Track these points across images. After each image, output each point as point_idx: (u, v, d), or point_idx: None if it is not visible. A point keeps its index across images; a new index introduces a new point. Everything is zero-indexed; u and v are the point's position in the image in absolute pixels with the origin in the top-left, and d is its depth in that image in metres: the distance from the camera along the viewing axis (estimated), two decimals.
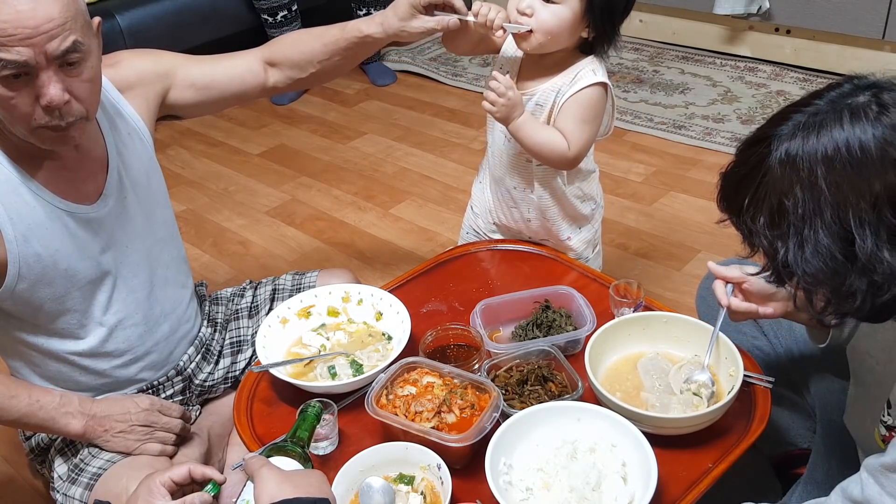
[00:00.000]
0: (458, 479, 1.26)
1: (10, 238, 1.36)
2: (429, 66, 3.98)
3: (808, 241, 0.96)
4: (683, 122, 3.32)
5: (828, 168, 0.94)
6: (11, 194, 1.36)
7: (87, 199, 1.47)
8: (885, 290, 0.95)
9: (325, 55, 1.74)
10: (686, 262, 2.51)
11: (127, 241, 1.54)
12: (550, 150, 1.62)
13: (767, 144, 1.00)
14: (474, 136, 3.37)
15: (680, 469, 1.29)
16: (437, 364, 1.42)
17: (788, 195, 0.97)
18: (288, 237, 2.83)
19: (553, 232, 1.82)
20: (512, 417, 1.30)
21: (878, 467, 1.03)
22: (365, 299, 1.64)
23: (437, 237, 2.75)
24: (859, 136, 0.93)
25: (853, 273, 0.95)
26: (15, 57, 1.21)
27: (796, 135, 0.97)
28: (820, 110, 0.98)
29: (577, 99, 1.61)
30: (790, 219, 0.97)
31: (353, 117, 3.62)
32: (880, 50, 3.39)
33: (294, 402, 1.41)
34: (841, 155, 0.94)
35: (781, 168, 0.98)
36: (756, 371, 1.44)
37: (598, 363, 1.43)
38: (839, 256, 0.95)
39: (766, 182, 1.00)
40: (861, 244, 0.94)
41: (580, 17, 1.55)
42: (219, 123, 3.59)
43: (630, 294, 1.58)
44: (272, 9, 3.57)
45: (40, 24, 1.21)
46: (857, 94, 0.97)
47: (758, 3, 3.54)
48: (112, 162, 1.51)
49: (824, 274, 0.97)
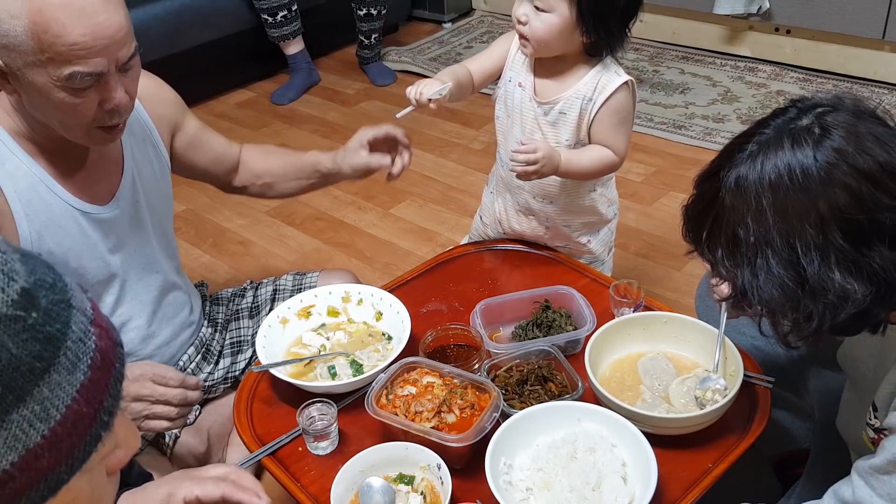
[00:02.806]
0: (458, 479, 1.26)
1: (25, 235, 1.37)
2: (429, 66, 3.98)
3: (761, 269, 0.98)
4: (683, 122, 3.31)
5: (773, 194, 0.96)
6: (29, 191, 1.37)
7: (100, 199, 1.47)
8: (842, 309, 0.96)
9: (282, 171, 1.80)
10: (686, 262, 2.51)
11: (135, 245, 1.55)
12: (601, 167, 1.67)
13: (720, 177, 1.01)
14: (474, 136, 3.37)
15: (680, 469, 1.29)
16: (437, 364, 1.42)
17: (740, 225, 0.99)
18: (288, 237, 2.83)
19: (573, 237, 1.83)
20: (512, 417, 1.30)
21: (868, 469, 1.03)
22: (365, 299, 1.64)
23: (437, 237, 2.75)
24: (801, 161, 0.95)
25: (806, 297, 0.97)
26: (92, 69, 1.24)
27: (743, 164, 0.99)
28: (766, 138, 0.99)
29: (610, 107, 1.64)
30: (743, 248, 0.99)
31: (353, 117, 3.62)
32: (880, 50, 3.38)
33: (294, 403, 1.41)
34: (783, 181, 0.96)
35: (731, 198, 1.00)
36: (756, 371, 1.44)
37: (598, 363, 1.43)
38: (789, 283, 0.97)
39: (721, 214, 1.01)
40: (809, 268, 0.95)
41: (573, 24, 1.56)
42: (219, 123, 3.59)
43: (630, 294, 1.58)
44: (272, 9, 3.57)
45: (115, 34, 1.25)
46: (800, 118, 0.98)
47: (758, 3, 3.53)
48: (127, 164, 1.52)
49: (779, 300, 0.98)
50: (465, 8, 4.62)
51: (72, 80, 1.23)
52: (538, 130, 1.70)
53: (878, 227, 0.93)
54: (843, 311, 0.96)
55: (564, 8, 1.54)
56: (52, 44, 1.20)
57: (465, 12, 4.62)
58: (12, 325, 0.58)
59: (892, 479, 1.01)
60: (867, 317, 0.99)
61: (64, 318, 0.62)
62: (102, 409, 0.64)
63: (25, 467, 0.58)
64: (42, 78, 1.23)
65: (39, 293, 0.61)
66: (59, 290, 0.63)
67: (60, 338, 0.61)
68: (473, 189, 2.99)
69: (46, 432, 0.59)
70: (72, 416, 0.61)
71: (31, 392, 0.58)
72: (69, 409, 0.61)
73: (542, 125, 1.70)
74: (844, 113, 0.98)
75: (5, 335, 0.58)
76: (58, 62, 1.22)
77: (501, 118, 1.77)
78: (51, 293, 0.62)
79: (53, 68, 1.22)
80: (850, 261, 0.94)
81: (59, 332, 0.61)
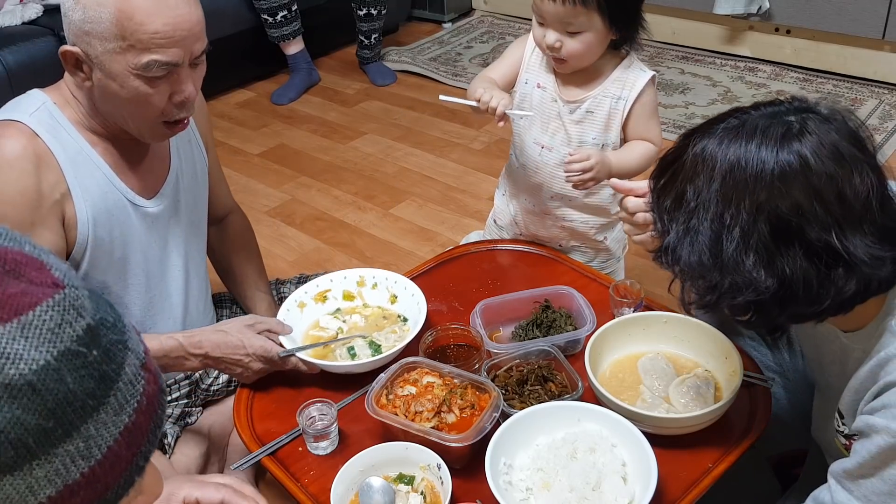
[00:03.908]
0: (458, 479, 1.26)
1: (83, 219, 1.40)
2: (429, 66, 3.98)
3: (691, 231, 1.03)
4: (683, 122, 3.31)
5: (727, 172, 1.01)
6: (88, 177, 1.40)
7: (147, 193, 1.50)
8: (742, 292, 1.00)
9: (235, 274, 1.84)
10: None
11: (173, 244, 1.57)
12: (647, 161, 1.68)
13: (697, 135, 1.06)
14: (474, 136, 3.37)
15: (680, 469, 1.29)
16: (437, 364, 1.42)
17: (690, 185, 1.03)
18: (288, 237, 2.83)
19: (589, 235, 1.83)
20: (512, 417, 1.30)
21: (843, 473, 1.06)
22: (379, 283, 1.67)
23: (437, 237, 2.75)
24: (763, 155, 0.99)
25: (716, 270, 1.01)
26: (169, 58, 1.29)
27: (716, 136, 1.03)
28: (751, 118, 1.03)
29: (642, 103, 1.66)
30: (683, 207, 1.04)
31: (353, 117, 3.62)
32: (880, 50, 3.38)
33: (294, 403, 1.41)
34: (740, 165, 1.00)
35: (694, 159, 1.04)
36: (756, 371, 1.44)
37: (598, 363, 1.43)
38: (707, 252, 1.02)
39: (679, 170, 1.06)
40: (728, 245, 1.00)
41: (605, 31, 1.58)
42: (219, 123, 3.59)
43: (630, 294, 1.58)
44: (272, 9, 3.57)
45: (193, 27, 1.30)
46: (789, 115, 1.01)
47: (758, 3, 3.53)
48: (173, 162, 1.55)
49: (694, 265, 1.03)
50: (465, 8, 4.62)
51: (148, 69, 1.28)
52: (562, 129, 1.70)
53: (802, 236, 0.97)
54: (743, 296, 1.01)
55: (598, 22, 1.55)
56: (135, 31, 1.25)
57: (465, 12, 4.62)
58: (73, 361, 0.59)
59: (867, 481, 1.03)
60: (763, 311, 1.03)
61: (120, 359, 0.63)
62: (139, 453, 0.64)
63: (60, 502, 0.59)
64: (119, 66, 1.28)
65: (101, 331, 0.62)
66: (119, 331, 0.64)
67: (114, 378, 0.62)
68: (473, 189, 2.99)
69: (86, 470, 0.60)
70: (112, 456, 0.61)
71: (79, 428, 0.59)
72: (110, 450, 0.61)
73: (567, 124, 1.70)
74: (829, 125, 1.00)
75: (65, 369, 0.58)
76: (138, 49, 1.26)
77: (517, 121, 1.76)
78: (111, 333, 0.63)
79: (133, 55, 1.27)
80: (767, 253, 0.99)
81: (113, 373, 0.62)
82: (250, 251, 1.87)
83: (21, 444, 0.56)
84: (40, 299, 0.59)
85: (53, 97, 1.39)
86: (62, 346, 0.59)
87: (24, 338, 0.57)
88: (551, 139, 1.72)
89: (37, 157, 1.33)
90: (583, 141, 1.69)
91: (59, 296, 0.60)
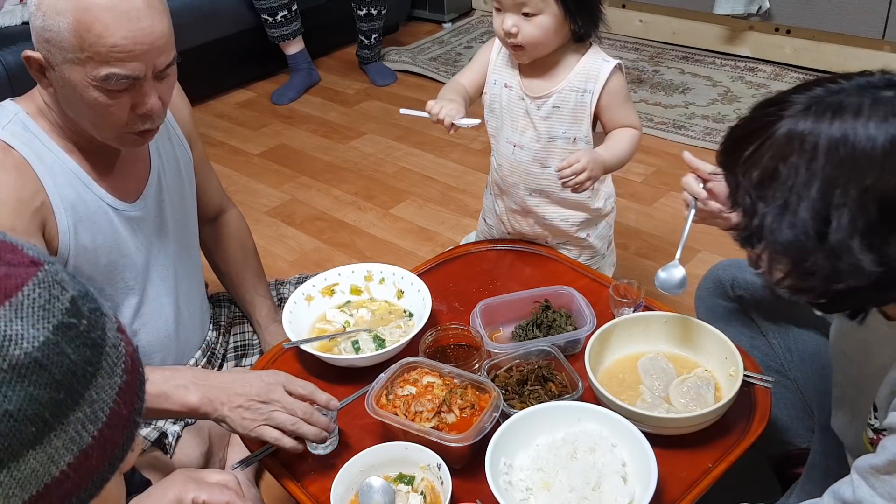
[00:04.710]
0: (458, 479, 1.26)
1: (64, 229, 1.39)
2: (429, 66, 3.98)
3: (789, 211, 0.97)
4: (683, 122, 3.31)
5: (831, 150, 0.94)
6: (67, 186, 1.39)
7: (129, 197, 1.49)
8: (843, 279, 0.95)
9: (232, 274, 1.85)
10: (686, 262, 2.49)
11: (160, 245, 1.56)
12: (634, 145, 1.70)
13: (783, 108, 0.99)
14: (474, 136, 3.37)
15: (680, 469, 1.29)
16: (437, 364, 1.43)
17: (785, 163, 0.97)
18: (288, 237, 2.83)
19: (571, 233, 1.83)
20: (512, 417, 1.30)
21: (869, 469, 1.03)
22: (387, 278, 1.68)
23: (437, 237, 2.75)
24: (871, 131, 0.92)
25: (820, 253, 0.96)
26: (129, 72, 1.25)
27: (812, 108, 0.97)
28: (843, 90, 0.97)
29: (611, 93, 1.67)
30: (779, 185, 0.98)
31: (353, 117, 3.62)
32: (880, 50, 3.38)
33: None
34: (847, 142, 0.93)
35: (787, 136, 0.97)
36: (756, 371, 1.44)
37: (598, 363, 1.43)
38: (812, 233, 0.95)
39: (769, 144, 0.99)
40: (836, 227, 0.94)
41: (562, 18, 1.59)
42: (219, 123, 3.59)
43: (630, 294, 1.58)
44: (272, 9, 3.57)
45: (155, 41, 1.26)
46: (885, 88, 0.96)
47: (758, 3, 3.53)
48: (154, 163, 1.53)
49: (792, 246, 0.97)
50: (465, 8, 4.62)
51: (107, 81, 1.25)
52: (531, 126, 1.71)
53: None
54: (843, 282, 0.95)
55: (553, 5, 1.57)
56: (93, 43, 1.22)
57: (465, 12, 4.61)
58: (67, 332, 0.62)
59: (892, 479, 1.01)
60: (857, 298, 0.99)
61: (101, 325, 0.66)
62: (135, 410, 0.68)
63: (78, 467, 0.62)
64: (78, 76, 1.25)
65: (82, 302, 0.65)
66: (92, 299, 0.67)
67: (101, 343, 0.65)
68: (473, 189, 2.99)
69: (95, 433, 0.63)
70: (114, 417, 0.65)
71: (84, 395, 0.62)
72: (112, 411, 0.65)
73: (535, 120, 1.71)
74: None
75: (63, 342, 0.61)
76: (96, 62, 1.24)
77: (491, 122, 1.80)
78: (88, 301, 0.66)
79: (91, 67, 1.24)
80: (874, 236, 0.93)
81: (99, 339, 0.65)
82: (247, 253, 1.87)
83: (39, 419, 0.59)
84: (25, 279, 0.62)
85: (26, 107, 1.38)
86: (55, 320, 0.62)
87: (20, 318, 0.60)
88: (521, 137, 1.73)
89: (14, 169, 1.32)
90: (552, 136, 1.70)
91: (41, 273, 0.63)
